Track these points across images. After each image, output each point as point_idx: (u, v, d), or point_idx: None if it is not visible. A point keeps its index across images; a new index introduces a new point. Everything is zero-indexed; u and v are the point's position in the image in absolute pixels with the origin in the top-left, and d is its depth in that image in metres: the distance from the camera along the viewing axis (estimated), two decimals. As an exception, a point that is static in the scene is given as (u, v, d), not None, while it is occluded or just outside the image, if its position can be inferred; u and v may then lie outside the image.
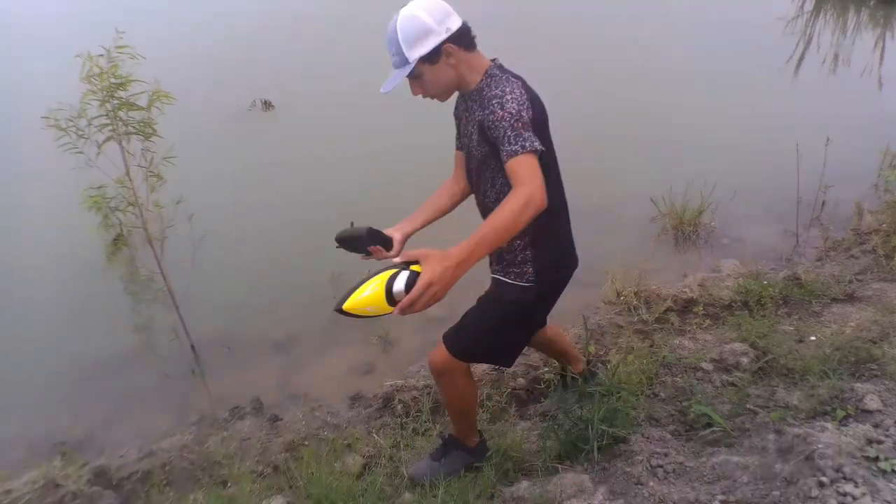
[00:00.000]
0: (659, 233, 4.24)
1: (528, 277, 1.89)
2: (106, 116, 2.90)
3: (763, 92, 6.30)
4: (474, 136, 1.78)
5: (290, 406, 2.94)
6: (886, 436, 1.88)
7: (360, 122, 5.47)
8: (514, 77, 1.74)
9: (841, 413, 2.08)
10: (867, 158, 4.69)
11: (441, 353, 1.99)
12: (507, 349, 2.07)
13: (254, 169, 5.13)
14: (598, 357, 2.93)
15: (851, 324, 2.88)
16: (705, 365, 2.73)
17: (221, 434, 2.80)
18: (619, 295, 3.43)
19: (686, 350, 2.89)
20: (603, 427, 2.16)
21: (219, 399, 3.12)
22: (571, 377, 2.50)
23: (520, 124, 1.59)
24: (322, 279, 3.67)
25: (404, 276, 1.44)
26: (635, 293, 3.39)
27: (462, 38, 1.70)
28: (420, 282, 1.36)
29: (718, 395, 2.53)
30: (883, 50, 7.59)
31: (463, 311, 2.03)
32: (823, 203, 4.27)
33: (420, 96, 1.81)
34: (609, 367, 2.67)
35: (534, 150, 1.56)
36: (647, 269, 3.55)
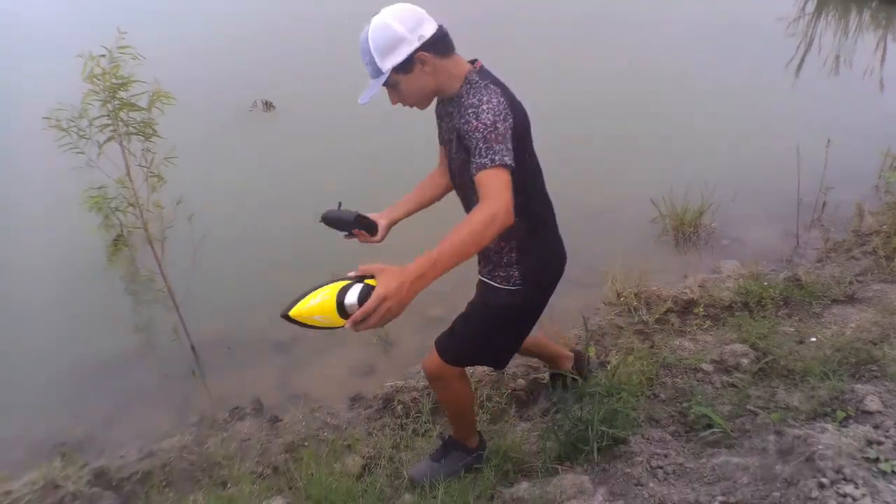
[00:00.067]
0: (659, 234, 4.24)
1: (515, 281, 1.88)
2: (107, 117, 2.90)
3: (764, 93, 6.29)
4: (454, 142, 1.76)
5: (290, 407, 2.94)
6: (886, 437, 1.87)
7: (360, 122, 5.46)
8: (494, 84, 1.68)
9: (841, 414, 2.08)
10: (868, 160, 4.69)
11: (434, 358, 2.01)
12: (497, 353, 2.07)
13: (254, 169, 5.13)
14: (598, 358, 2.93)
15: (852, 325, 2.88)
16: (705, 366, 2.73)
17: (221, 435, 2.80)
18: (619, 296, 3.43)
19: (686, 351, 2.89)
20: (603, 428, 2.16)
21: (219, 400, 3.12)
22: (572, 378, 2.50)
23: (493, 136, 1.53)
24: (322, 279, 3.62)
25: (357, 288, 1.38)
26: (635, 294, 3.39)
27: (436, 45, 1.65)
28: (374, 295, 1.31)
29: (719, 396, 2.53)
30: (884, 51, 7.58)
31: (462, 311, 2.03)
32: (824, 204, 4.27)
33: (400, 105, 1.77)
34: (609, 367, 2.67)
35: (503, 164, 1.51)
36: (648, 270, 3.54)
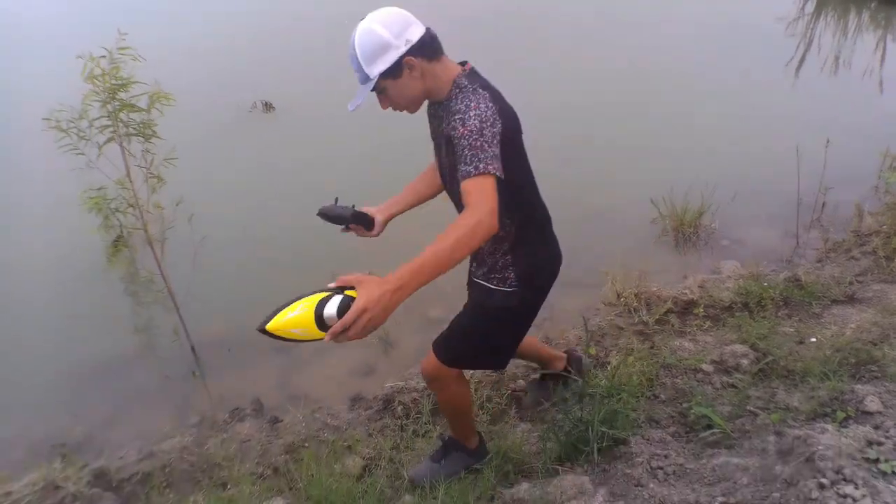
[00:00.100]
0: (659, 234, 4.24)
1: (511, 283, 1.88)
2: (107, 118, 2.90)
3: (764, 93, 6.29)
4: (443, 146, 1.76)
5: (291, 408, 2.94)
6: (887, 437, 1.88)
7: (360, 122, 5.44)
8: (483, 88, 1.66)
9: (841, 415, 2.08)
10: (867, 160, 4.69)
11: (431, 360, 2.01)
12: (494, 355, 2.08)
13: (254, 170, 5.13)
14: (598, 358, 2.93)
15: (852, 325, 2.88)
16: (705, 366, 2.73)
17: (221, 436, 2.80)
18: (619, 296, 3.43)
19: (686, 352, 2.89)
20: (603, 429, 2.16)
21: (219, 400, 3.12)
22: (572, 378, 2.51)
23: (479, 143, 1.52)
24: (323, 280, 3.61)
25: (337, 300, 1.36)
26: (636, 295, 3.39)
27: (424, 49, 1.63)
28: (354, 307, 1.30)
29: (719, 396, 2.53)
30: (884, 52, 7.58)
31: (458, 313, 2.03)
32: (823, 205, 4.27)
33: (390, 109, 1.76)
34: (609, 368, 2.67)
35: (487, 172, 1.49)
36: (648, 271, 3.54)
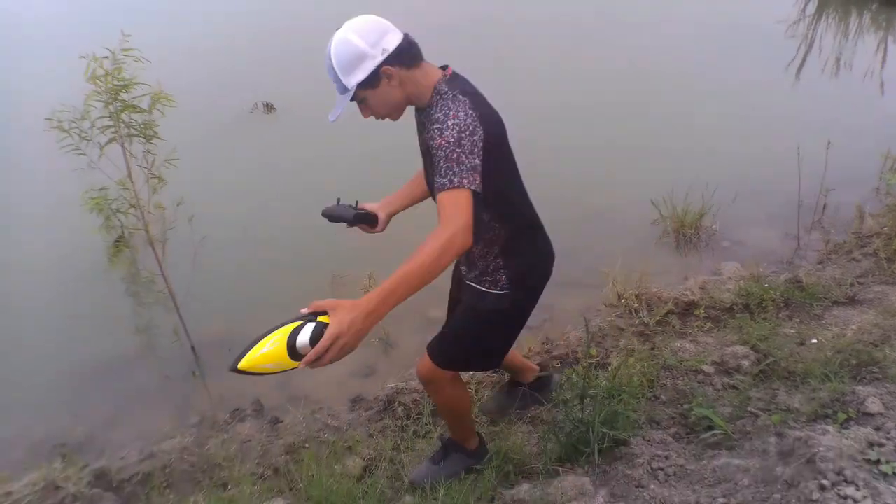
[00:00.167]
0: (660, 236, 4.23)
1: (503, 285, 1.88)
2: (109, 118, 2.90)
3: (764, 94, 6.29)
4: (426, 155, 1.75)
5: (291, 408, 2.94)
6: (888, 439, 1.87)
7: (360, 123, 5.45)
8: (463, 93, 1.63)
9: (842, 416, 2.08)
10: (868, 162, 4.69)
11: (426, 363, 2.01)
12: (488, 357, 2.09)
13: (254, 170, 5.14)
14: (598, 359, 2.93)
15: (853, 327, 2.88)
16: (706, 368, 2.72)
17: (222, 436, 2.80)
18: (620, 297, 3.43)
19: (687, 353, 2.89)
20: (604, 430, 2.16)
21: (219, 401, 3.12)
22: (515, 383, 2.59)
23: (455, 154, 1.50)
24: (323, 280, 3.67)
25: (310, 328, 1.35)
26: (636, 296, 3.39)
27: (401, 57, 1.61)
28: (327, 334, 1.30)
29: (719, 397, 2.52)
30: (885, 53, 7.58)
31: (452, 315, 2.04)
32: (824, 206, 4.27)
33: (372, 118, 1.75)
34: (610, 369, 2.67)
35: (461, 185, 1.48)
36: (648, 272, 3.54)
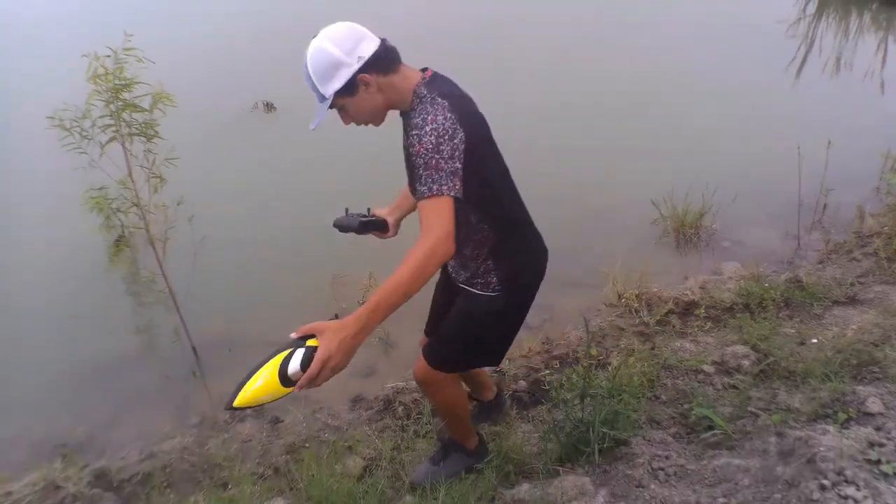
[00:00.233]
0: (660, 235, 4.23)
1: (494, 287, 1.87)
2: (110, 117, 2.90)
3: (764, 94, 6.29)
4: (408, 159, 1.73)
5: (291, 408, 2.94)
6: (888, 439, 1.87)
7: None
8: (442, 95, 1.60)
9: (842, 416, 2.08)
10: (868, 161, 4.68)
11: (422, 365, 2.01)
12: (484, 358, 2.09)
13: (255, 170, 5.13)
14: (599, 359, 2.93)
15: (853, 326, 2.88)
16: (707, 367, 2.73)
17: (222, 436, 2.81)
18: (620, 297, 3.43)
19: (687, 352, 2.89)
20: (604, 429, 2.16)
21: (220, 400, 3.11)
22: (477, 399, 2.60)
23: (434, 161, 1.49)
24: (324, 280, 3.67)
25: (299, 354, 1.37)
26: (636, 295, 3.39)
27: (378, 64, 1.59)
28: (316, 359, 1.33)
29: (720, 397, 2.53)
30: (885, 53, 7.57)
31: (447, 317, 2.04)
32: (825, 206, 4.26)
33: (353, 125, 1.74)
34: (611, 369, 2.67)
35: (441, 193, 1.48)
36: (649, 272, 3.54)
